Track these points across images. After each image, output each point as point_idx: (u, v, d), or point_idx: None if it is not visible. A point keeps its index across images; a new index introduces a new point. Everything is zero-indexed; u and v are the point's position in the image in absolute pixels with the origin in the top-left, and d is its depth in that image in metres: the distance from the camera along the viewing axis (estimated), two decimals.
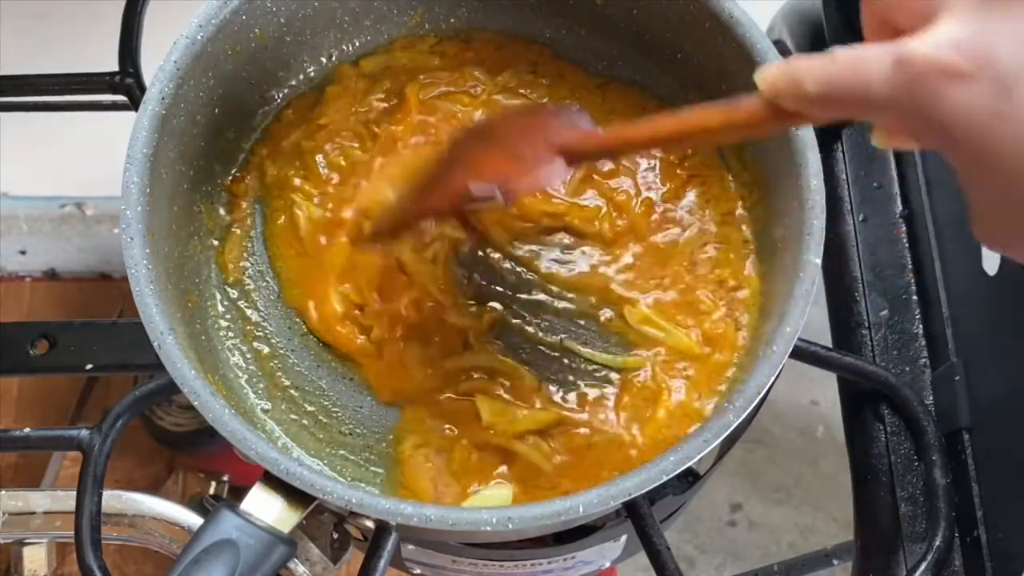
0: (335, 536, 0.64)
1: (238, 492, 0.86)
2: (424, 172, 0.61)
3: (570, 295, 0.65)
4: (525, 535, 0.63)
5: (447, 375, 0.64)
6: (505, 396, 0.63)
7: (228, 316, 0.66)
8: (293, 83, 0.70)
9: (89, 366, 0.66)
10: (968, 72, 0.37)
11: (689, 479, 0.68)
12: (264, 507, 0.53)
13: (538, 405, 0.63)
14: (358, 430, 0.63)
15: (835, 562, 1.09)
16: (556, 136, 0.54)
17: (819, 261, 0.56)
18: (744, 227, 0.66)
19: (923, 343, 0.68)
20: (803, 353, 0.62)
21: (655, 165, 0.68)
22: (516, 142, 0.56)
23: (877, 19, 0.42)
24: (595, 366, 0.64)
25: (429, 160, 0.62)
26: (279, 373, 0.65)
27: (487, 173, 0.56)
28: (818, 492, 1.39)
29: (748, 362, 0.61)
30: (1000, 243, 0.41)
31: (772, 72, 0.42)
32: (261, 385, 0.64)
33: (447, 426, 0.63)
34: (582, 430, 0.62)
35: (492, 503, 0.60)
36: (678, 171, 0.68)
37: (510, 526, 0.51)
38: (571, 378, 0.63)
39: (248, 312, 0.66)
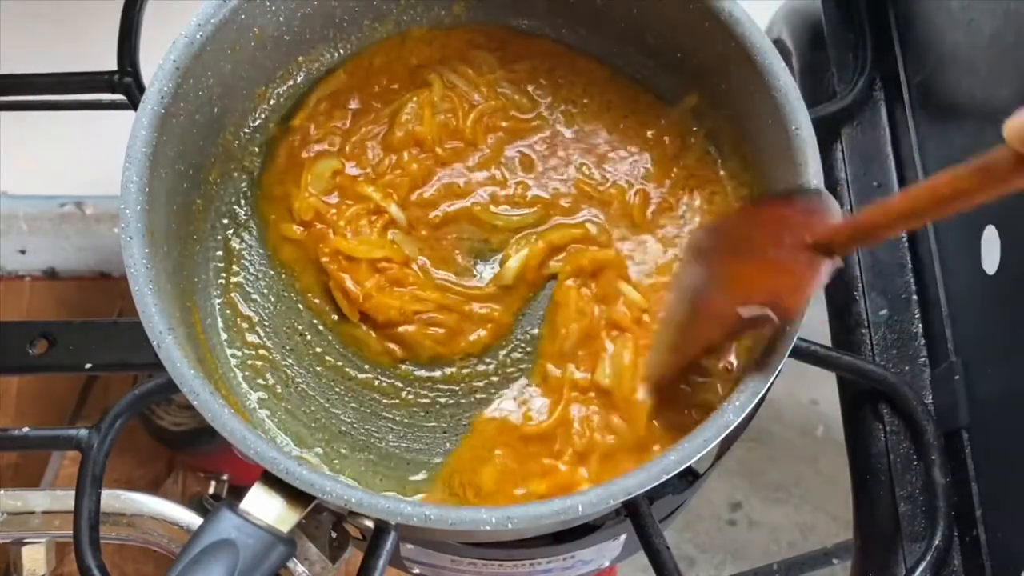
0: (334, 535, 0.64)
1: (238, 491, 0.86)
2: (676, 308, 0.58)
3: None
4: (525, 535, 0.63)
5: None
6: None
7: (228, 315, 0.66)
8: (293, 82, 0.70)
9: (88, 365, 0.66)
10: None
11: (689, 478, 0.68)
12: (263, 506, 0.53)
13: None
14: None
15: (835, 561, 1.09)
16: (806, 231, 0.51)
17: None
18: None
19: (922, 342, 0.68)
20: (803, 352, 0.62)
21: (650, 164, 0.68)
22: (764, 247, 0.53)
23: None
24: None
25: (674, 296, 0.59)
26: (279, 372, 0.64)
27: (751, 292, 0.52)
28: (818, 491, 1.39)
29: (748, 361, 0.61)
30: None
31: (1021, 123, 0.40)
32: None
33: None
34: None
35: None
36: (674, 171, 0.68)
37: (509, 525, 0.51)
38: None
39: (248, 311, 0.66)
